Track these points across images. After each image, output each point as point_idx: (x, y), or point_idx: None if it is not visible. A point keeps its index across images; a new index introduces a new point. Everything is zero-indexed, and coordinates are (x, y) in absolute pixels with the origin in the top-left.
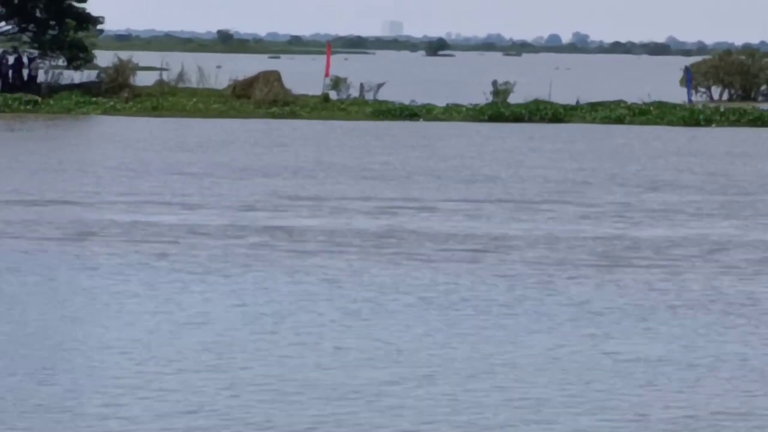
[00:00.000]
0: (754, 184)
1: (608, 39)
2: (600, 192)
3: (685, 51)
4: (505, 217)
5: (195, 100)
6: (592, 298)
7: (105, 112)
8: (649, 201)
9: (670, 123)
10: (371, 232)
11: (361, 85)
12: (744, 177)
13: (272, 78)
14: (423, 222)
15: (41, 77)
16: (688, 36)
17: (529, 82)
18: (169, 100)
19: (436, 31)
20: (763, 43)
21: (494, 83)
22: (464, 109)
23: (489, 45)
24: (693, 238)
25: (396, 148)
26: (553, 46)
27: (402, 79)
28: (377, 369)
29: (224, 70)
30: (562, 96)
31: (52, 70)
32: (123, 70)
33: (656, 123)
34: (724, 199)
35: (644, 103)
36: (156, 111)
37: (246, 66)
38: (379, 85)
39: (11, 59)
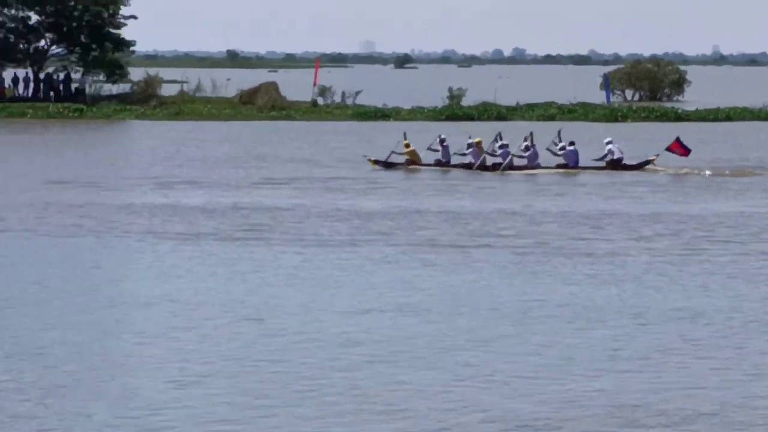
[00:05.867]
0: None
1: (541, 52)
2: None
3: (603, 61)
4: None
5: (209, 106)
6: None
7: (137, 117)
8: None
9: (594, 119)
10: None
11: (343, 93)
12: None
13: (271, 88)
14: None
15: (86, 90)
16: (606, 48)
17: (478, 88)
18: (188, 106)
19: (402, 48)
20: (666, 53)
21: (450, 89)
22: (426, 110)
23: (445, 59)
24: None
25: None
26: (496, 58)
27: (375, 88)
28: None
29: (233, 82)
30: (505, 99)
31: (94, 84)
32: (151, 83)
33: (582, 119)
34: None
35: (571, 104)
36: (178, 116)
37: (250, 78)
38: (357, 93)
39: (62, 76)
